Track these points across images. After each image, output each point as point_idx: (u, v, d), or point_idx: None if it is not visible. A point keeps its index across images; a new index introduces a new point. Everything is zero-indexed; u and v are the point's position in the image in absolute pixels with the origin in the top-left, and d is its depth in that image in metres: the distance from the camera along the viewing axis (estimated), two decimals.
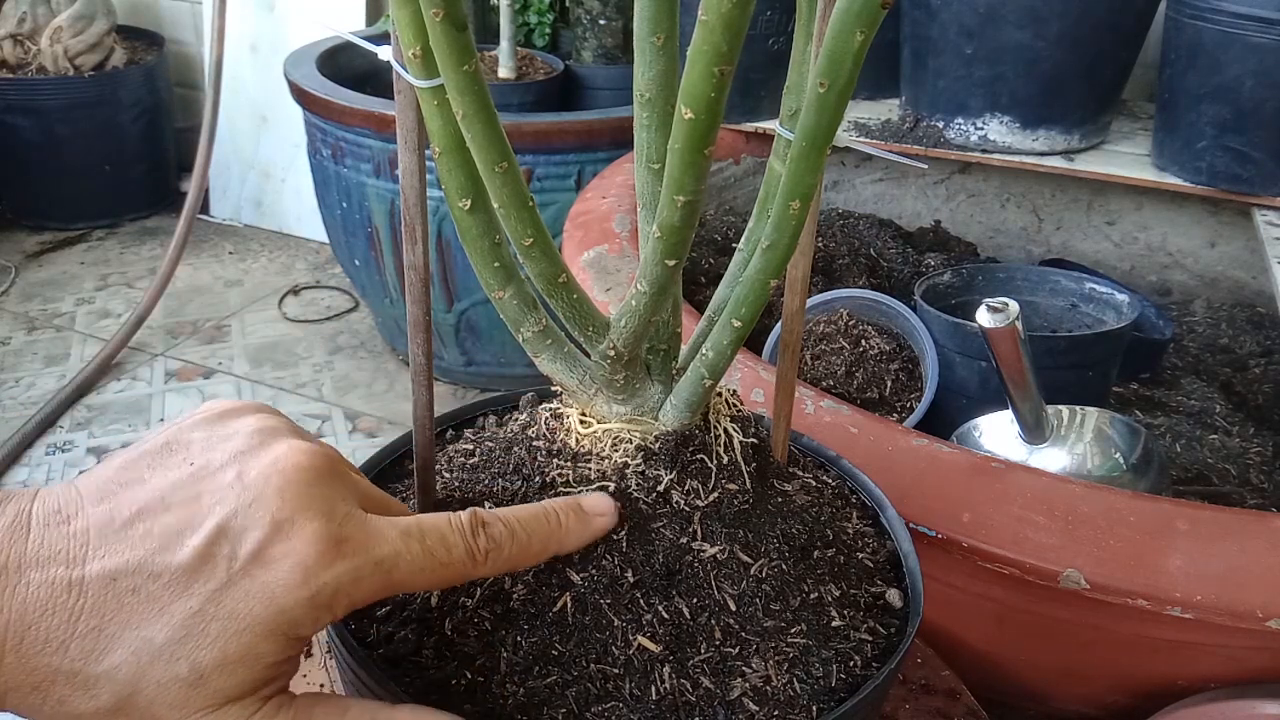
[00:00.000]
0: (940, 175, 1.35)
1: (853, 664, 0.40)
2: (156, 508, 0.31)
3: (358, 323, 2.11)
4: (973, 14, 1.03)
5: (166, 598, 0.30)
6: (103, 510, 0.31)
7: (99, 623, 0.29)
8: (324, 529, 0.32)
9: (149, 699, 0.30)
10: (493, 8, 1.90)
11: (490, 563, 0.35)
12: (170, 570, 0.30)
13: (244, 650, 0.30)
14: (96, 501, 0.31)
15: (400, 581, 0.33)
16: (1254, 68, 0.93)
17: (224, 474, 0.32)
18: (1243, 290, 1.24)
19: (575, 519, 0.38)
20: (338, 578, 0.31)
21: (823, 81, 0.31)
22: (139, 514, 0.31)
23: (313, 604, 0.31)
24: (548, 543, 0.38)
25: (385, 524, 0.33)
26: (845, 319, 0.98)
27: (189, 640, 0.30)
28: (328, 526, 0.32)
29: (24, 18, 2.30)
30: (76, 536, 0.30)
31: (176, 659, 0.30)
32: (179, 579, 0.30)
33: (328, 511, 0.32)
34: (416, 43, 0.34)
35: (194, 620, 0.30)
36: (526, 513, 0.37)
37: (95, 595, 0.29)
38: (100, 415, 1.77)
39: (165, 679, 0.30)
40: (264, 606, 0.30)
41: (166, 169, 2.61)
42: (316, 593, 0.31)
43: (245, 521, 0.31)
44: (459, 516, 0.35)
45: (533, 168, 1.54)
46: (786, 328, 0.47)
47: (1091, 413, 0.82)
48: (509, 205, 0.36)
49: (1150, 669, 0.62)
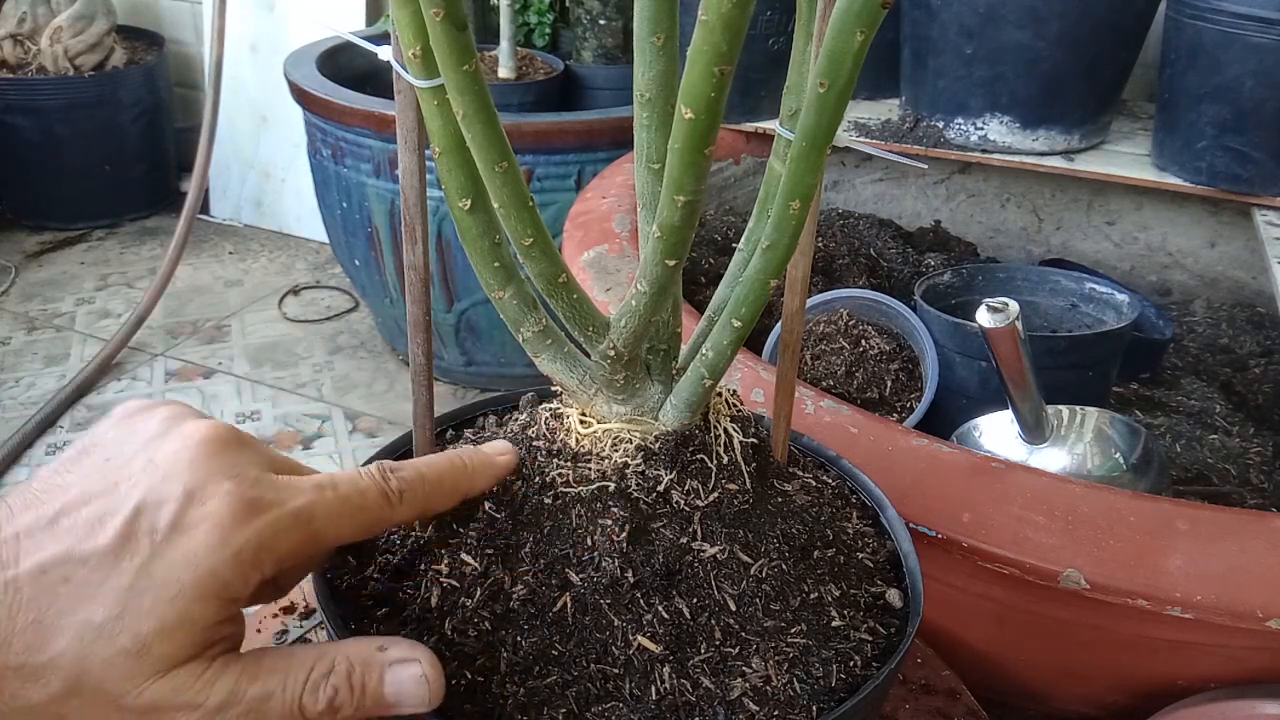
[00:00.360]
0: (940, 175, 1.35)
1: (853, 664, 0.40)
2: (77, 502, 0.32)
3: (358, 323, 2.11)
4: (973, 14, 1.03)
5: (97, 579, 0.31)
6: (29, 515, 0.32)
7: (36, 615, 0.30)
8: (236, 489, 0.33)
9: (98, 677, 0.31)
10: (493, 8, 1.90)
11: (406, 504, 0.37)
12: (96, 554, 0.31)
13: (180, 616, 0.31)
14: (23, 510, 0.32)
15: (321, 530, 0.35)
16: (1254, 68, 0.93)
17: (136, 460, 0.33)
18: (1243, 290, 1.24)
19: (480, 459, 0.41)
20: (258, 533, 0.33)
21: (823, 81, 0.31)
22: (61, 511, 0.32)
23: (237, 562, 0.32)
24: (458, 481, 0.40)
25: (298, 480, 0.35)
26: (845, 319, 0.98)
27: (126, 614, 0.31)
28: (239, 487, 0.33)
29: (24, 18, 2.30)
30: (7, 543, 0.31)
31: (117, 634, 0.31)
32: (106, 560, 0.31)
33: (237, 475, 0.33)
34: (416, 43, 0.34)
35: (128, 595, 0.31)
36: (433, 458, 0.40)
37: (29, 590, 0.31)
38: (100, 415, 1.77)
39: (110, 654, 0.31)
40: (190, 571, 0.31)
41: (166, 169, 2.61)
42: (239, 550, 0.32)
43: (160, 496, 0.32)
44: (368, 467, 0.37)
45: (533, 168, 1.54)
46: (786, 328, 0.47)
47: (1091, 413, 0.82)
48: (509, 205, 0.36)
49: (1150, 669, 0.62)
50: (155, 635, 0.31)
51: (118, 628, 0.31)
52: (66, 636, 0.30)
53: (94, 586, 0.31)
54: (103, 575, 0.31)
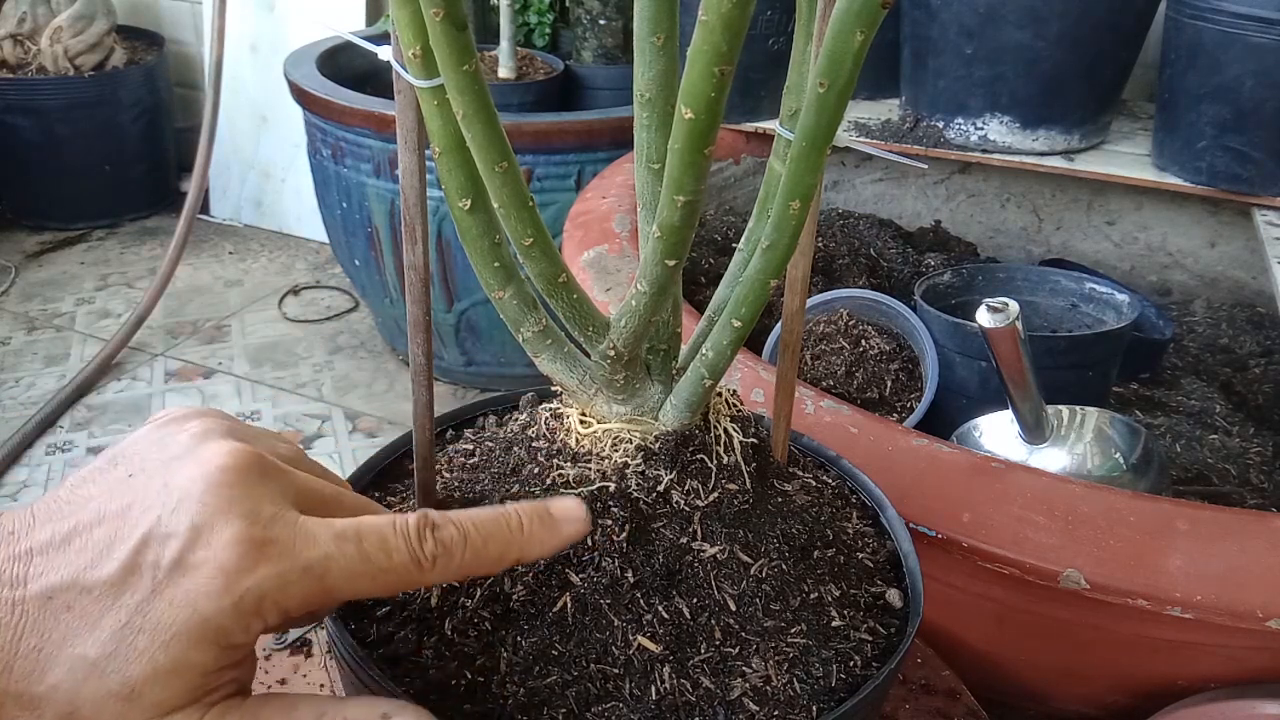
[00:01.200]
0: (940, 175, 1.35)
1: (853, 664, 0.40)
2: (92, 522, 0.31)
3: (358, 323, 2.11)
4: (973, 14, 1.03)
5: (97, 612, 0.29)
6: (47, 531, 0.31)
7: (38, 641, 0.29)
8: (244, 532, 0.30)
9: (88, 716, 0.29)
10: (493, 8, 1.90)
11: (439, 569, 0.33)
12: (100, 584, 0.30)
13: (174, 661, 0.29)
14: (44, 522, 0.31)
15: (335, 587, 0.32)
16: (1254, 68, 0.93)
17: (154, 481, 0.31)
18: (1243, 290, 1.24)
19: (540, 525, 0.35)
20: (260, 583, 0.30)
21: (823, 81, 0.31)
22: (74, 530, 0.31)
23: (238, 611, 0.30)
24: (506, 549, 0.35)
25: (318, 525, 0.32)
26: (845, 319, 0.98)
27: (118, 655, 0.29)
28: (249, 529, 0.30)
29: (24, 18, 2.30)
30: (20, 558, 0.30)
31: (108, 674, 0.29)
32: (108, 592, 0.30)
33: (250, 514, 0.31)
34: (416, 43, 0.34)
35: (122, 633, 0.29)
36: (484, 515, 0.35)
37: (34, 614, 0.29)
38: (100, 415, 1.77)
39: (99, 695, 0.29)
40: (187, 615, 0.29)
41: (166, 169, 2.61)
42: (240, 599, 0.30)
43: (169, 528, 0.30)
44: (406, 518, 0.33)
45: (533, 168, 1.54)
46: (786, 328, 0.47)
47: (1091, 413, 0.82)
48: (509, 205, 0.36)
49: (1150, 669, 0.62)
50: (146, 680, 0.29)
51: (109, 667, 0.29)
52: (61, 670, 0.29)
53: (93, 619, 0.29)
54: (102, 608, 0.29)
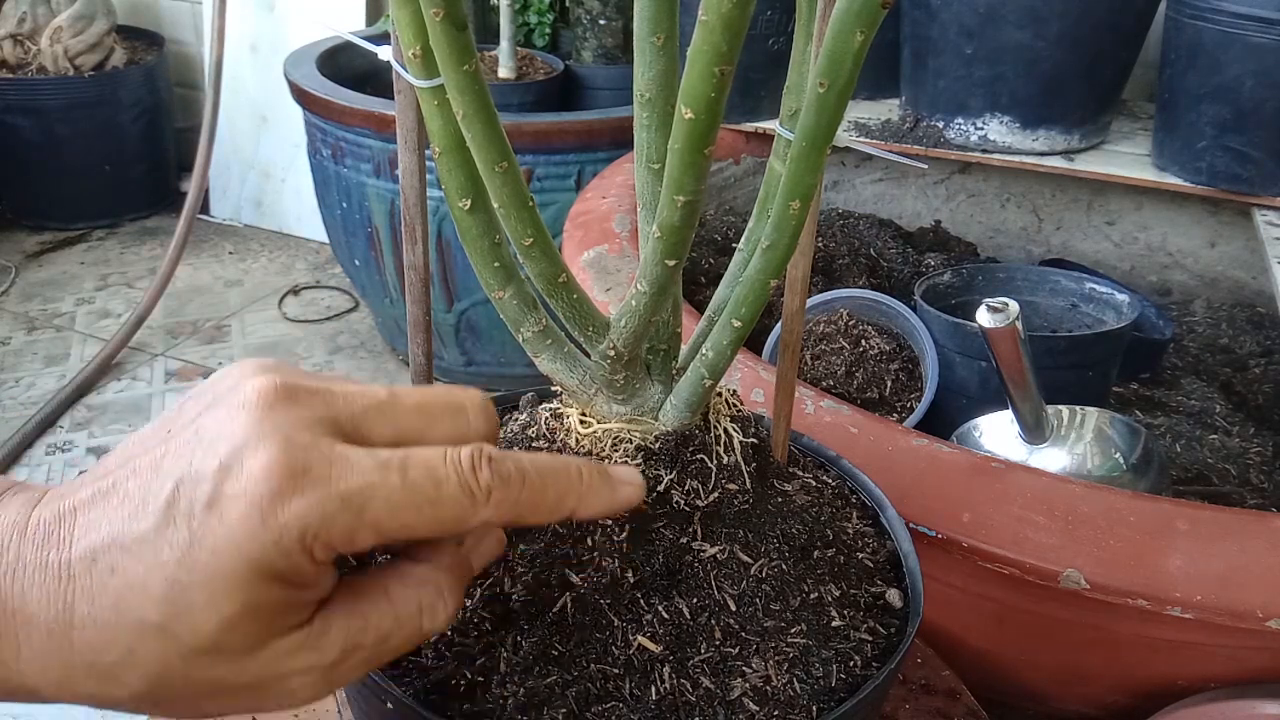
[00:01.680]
0: (940, 175, 1.35)
1: (853, 664, 0.40)
2: (129, 475, 0.28)
3: (358, 323, 2.11)
4: (973, 14, 1.03)
5: (141, 571, 0.27)
6: (90, 488, 0.29)
7: (90, 609, 0.27)
8: (278, 456, 0.27)
9: (182, 673, 0.27)
10: (493, 8, 1.90)
11: (494, 505, 0.30)
12: (137, 540, 0.27)
13: (240, 607, 0.27)
14: (91, 480, 0.29)
15: (378, 521, 0.28)
16: (1254, 68, 0.93)
17: (186, 431, 0.29)
18: (1243, 290, 1.24)
19: (600, 479, 0.33)
20: (301, 516, 0.27)
21: (823, 81, 0.31)
22: (113, 486, 0.28)
23: (280, 548, 0.27)
24: (564, 495, 0.32)
25: (359, 453, 0.28)
26: (845, 319, 0.98)
27: (180, 616, 0.27)
28: (283, 454, 0.27)
29: (24, 18, 2.30)
30: (64, 518, 0.28)
31: (180, 634, 0.27)
32: (147, 548, 0.27)
33: (282, 440, 0.27)
34: (416, 43, 0.34)
35: (176, 592, 0.27)
36: (544, 457, 0.32)
37: (82, 578, 0.27)
38: (100, 415, 1.77)
39: (182, 653, 0.27)
40: (232, 559, 0.27)
41: (166, 169, 2.61)
42: (280, 536, 0.27)
43: (199, 470, 0.27)
44: (458, 449, 0.30)
45: (533, 168, 1.54)
46: (786, 328, 0.47)
47: (1091, 413, 0.82)
48: (509, 205, 0.36)
49: (1150, 669, 0.62)
50: (220, 631, 0.27)
51: (178, 629, 0.27)
52: (128, 637, 0.27)
53: (139, 580, 0.27)
54: (146, 567, 0.27)
